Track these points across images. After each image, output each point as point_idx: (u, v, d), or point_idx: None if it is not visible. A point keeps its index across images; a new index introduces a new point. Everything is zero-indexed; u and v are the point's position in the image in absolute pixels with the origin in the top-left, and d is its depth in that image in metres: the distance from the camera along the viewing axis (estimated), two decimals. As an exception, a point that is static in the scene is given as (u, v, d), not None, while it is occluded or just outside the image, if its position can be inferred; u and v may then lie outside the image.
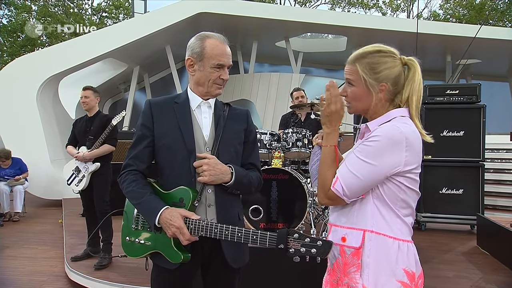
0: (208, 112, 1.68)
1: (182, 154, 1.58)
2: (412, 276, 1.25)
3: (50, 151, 8.31)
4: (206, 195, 1.59)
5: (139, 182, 1.57)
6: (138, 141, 1.62)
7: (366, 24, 11.60)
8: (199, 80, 1.63)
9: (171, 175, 1.60)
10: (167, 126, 1.61)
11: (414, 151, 1.24)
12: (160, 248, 1.56)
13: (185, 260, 1.52)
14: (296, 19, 11.75)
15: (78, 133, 4.06)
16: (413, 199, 1.30)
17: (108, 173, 4.05)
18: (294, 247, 1.32)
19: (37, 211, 7.36)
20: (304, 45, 14.50)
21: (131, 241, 1.62)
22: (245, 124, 1.74)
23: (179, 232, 1.46)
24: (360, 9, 26.97)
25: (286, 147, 3.74)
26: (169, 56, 12.10)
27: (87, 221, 4.14)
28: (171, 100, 1.68)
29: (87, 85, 4.18)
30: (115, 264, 3.79)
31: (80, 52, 9.15)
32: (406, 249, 1.26)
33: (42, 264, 4.24)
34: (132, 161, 1.61)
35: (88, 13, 25.42)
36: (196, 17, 10.50)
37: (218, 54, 1.60)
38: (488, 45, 11.36)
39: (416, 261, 1.29)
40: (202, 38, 1.64)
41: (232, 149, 1.65)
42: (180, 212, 1.48)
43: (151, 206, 1.52)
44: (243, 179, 1.62)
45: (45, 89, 8.70)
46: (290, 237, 1.33)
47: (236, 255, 1.61)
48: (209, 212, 1.59)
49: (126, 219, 1.66)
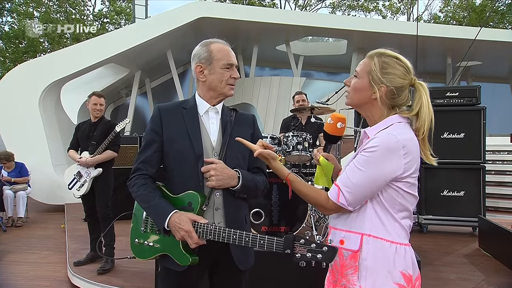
0: (216, 117, 1.71)
1: (190, 159, 1.61)
2: (409, 279, 1.27)
3: (52, 156, 8.35)
4: (214, 199, 1.62)
5: (149, 186, 1.61)
6: (147, 145, 1.66)
7: (366, 28, 11.64)
8: (211, 84, 1.66)
9: (180, 179, 1.63)
10: (176, 131, 1.64)
11: (412, 157, 1.26)
12: (169, 251, 1.59)
13: (193, 263, 1.54)
14: (296, 23, 11.80)
15: (81, 138, 4.08)
16: (411, 202, 1.32)
17: (110, 178, 4.06)
18: (300, 252, 1.35)
19: (39, 216, 7.38)
20: (304, 48, 14.55)
21: (140, 243, 1.66)
22: (251, 129, 1.78)
23: (187, 235, 1.49)
24: (360, 13, 27.04)
25: (286, 151, 3.74)
26: (170, 61, 12.16)
27: (89, 226, 4.15)
28: (179, 106, 1.71)
29: (100, 92, 4.18)
30: (117, 268, 3.80)
31: (82, 57, 9.21)
32: (403, 252, 1.28)
33: (45, 269, 4.25)
34: (142, 165, 1.64)
35: (89, 19, 25.56)
36: (197, 21, 10.56)
37: (225, 54, 1.66)
38: (488, 47, 11.37)
39: (413, 263, 1.30)
40: (206, 44, 1.69)
41: (239, 154, 1.68)
42: (188, 216, 1.51)
43: (160, 209, 1.55)
44: (249, 183, 1.64)
45: (47, 94, 8.76)
46: (296, 242, 1.36)
47: (243, 257, 1.64)
48: (216, 215, 1.62)
49: (135, 221, 1.70)
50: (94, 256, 4.04)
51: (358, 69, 1.40)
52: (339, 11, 27.18)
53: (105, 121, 4.11)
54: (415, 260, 1.33)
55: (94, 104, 4.00)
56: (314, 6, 27.47)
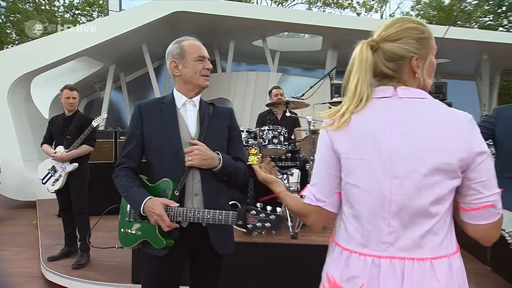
0: (193, 110, 1.80)
1: (170, 151, 1.70)
2: (332, 284, 1.14)
3: (23, 152, 8.12)
4: (193, 185, 1.70)
5: (129, 177, 1.72)
6: (129, 141, 1.77)
7: (341, 24, 11.82)
8: (186, 76, 1.75)
9: (160, 170, 1.72)
10: (155, 125, 1.73)
11: None
12: (147, 236, 1.69)
13: (167, 245, 1.64)
14: (273, 18, 11.84)
15: (55, 132, 4.01)
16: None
17: (86, 173, 4.03)
18: (252, 222, 1.49)
19: (9, 213, 7.18)
20: (281, 44, 14.62)
21: (126, 232, 1.76)
22: (228, 120, 1.85)
23: (160, 219, 1.59)
24: (336, 9, 27.42)
25: (262, 144, 3.80)
26: (146, 55, 11.97)
27: (63, 221, 4.10)
28: (158, 101, 1.81)
29: (72, 85, 4.12)
30: (93, 263, 3.79)
31: (53, 50, 8.95)
32: (332, 254, 1.19)
33: (18, 266, 4.17)
34: (124, 159, 1.76)
35: (60, 10, 24.73)
36: (172, 16, 10.43)
37: (197, 48, 1.77)
38: (456, 45, 11.78)
39: (341, 270, 1.13)
40: (178, 41, 1.79)
41: (217, 145, 1.76)
42: (160, 201, 1.62)
43: (137, 196, 1.65)
44: (229, 166, 1.74)
45: (16, 88, 8.49)
46: (248, 213, 1.50)
47: (222, 243, 1.73)
48: (195, 201, 1.71)
49: (122, 213, 1.80)
50: (69, 251, 4.01)
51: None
52: (315, 7, 27.45)
53: (80, 115, 4.06)
54: (352, 269, 1.14)
55: (67, 97, 3.93)
56: (291, 2, 27.63)
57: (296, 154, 3.99)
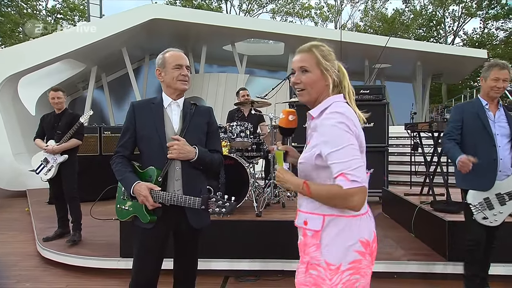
0: (177, 110, 1.95)
1: (156, 143, 1.86)
2: (366, 244, 1.27)
3: (12, 146, 7.88)
4: (175, 171, 1.88)
5: (123, 164, 1.89)
6: (124, 133, 1.92)
7: (300, 33, 12.09)
8: (166, 81, 1.91)
9: (148, 159, 1.89)
10: (145, 121, 1.89)
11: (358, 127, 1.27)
12: (137, 212, 1.87)
13: (152, 220, 1.83)
14: (241, 26, 11.98)
15: (46, 128, 4.02)
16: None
17: (75, 163, 4.06)
18: (212, 207, 1.72)
19: (3, 201, 6.99)
20: (248, 48, 14.75)
21: (121, 208, 1.94)
22: (207, 118, 2.01)
23: (145, 199, 1.78)
24: (296, 18, 27.77)
25: (231, 138, 3.98)
26: (125, 57, 11.78)
27: (56, 206, 4.13)
28: (149, 101, 1.95)
29: (57, 86, 4.13)
30: (85, 241, 3.86)
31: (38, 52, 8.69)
32: (359, 222, 1.27)
33: (14, 247, 4.17)
34: (120, 149, 1.91)
35: (42, 14, 23.53)
36: (149, 22, 10.34)
37: (175, 58, 1.90)
38: (396, 53, 12.43)
39: (369, 229, 1.30)
40: (163, 53, 1.94)
41: (197, 140, 1.92)
42: (146, 185, 1.80)
43: (128, 180, 1.83)
44: (205, 157, 1.90)
45: (4, 88, 8.21)
46: (210, 200, 1.73)
47: (197, 219, 1.91)
48: (176, 184, 1.88)
49: (119, 192, 1.97)
50: (62, 232, 4.05)
51: (304, 64, 1.32)
52: (278, 16, 27.70)
53: (69, 112, 4.08)
54: (372, 225, 1.33)
55: (52, 98, 3.99)
56: (256, 11, 27.72)
57: (261, 146, 4.21)
